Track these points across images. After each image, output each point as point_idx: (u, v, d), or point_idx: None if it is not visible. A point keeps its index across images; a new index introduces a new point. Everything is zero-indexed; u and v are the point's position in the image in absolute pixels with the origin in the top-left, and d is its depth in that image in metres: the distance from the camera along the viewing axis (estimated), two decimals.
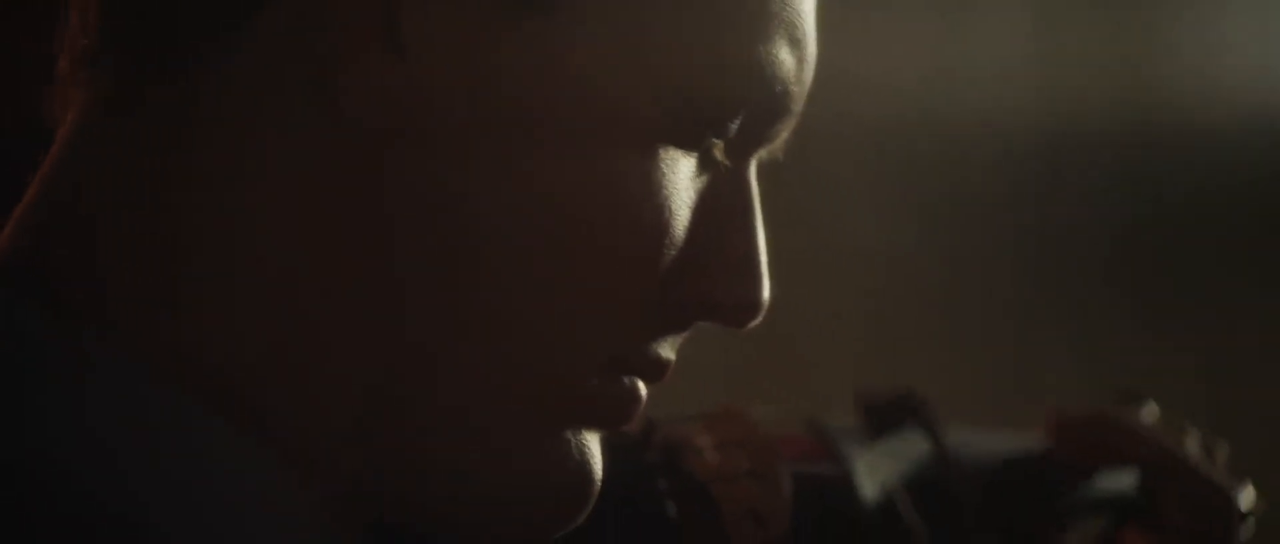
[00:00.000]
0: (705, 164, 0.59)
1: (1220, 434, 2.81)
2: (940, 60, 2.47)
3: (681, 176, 0.58)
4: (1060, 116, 2.61)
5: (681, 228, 0.58)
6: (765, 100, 0.59)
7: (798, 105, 0.61)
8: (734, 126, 0.59)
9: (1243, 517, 0.94)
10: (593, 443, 0.60)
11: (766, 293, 0.61)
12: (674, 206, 0.58)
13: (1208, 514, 0.94)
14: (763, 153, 0.62)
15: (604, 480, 0.64)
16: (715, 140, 0.59)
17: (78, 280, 0.56)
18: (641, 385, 0.61)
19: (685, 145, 0.58)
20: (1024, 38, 2.57)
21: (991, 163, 2.56)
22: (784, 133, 0.62)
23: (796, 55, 0.60)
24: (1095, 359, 2.61)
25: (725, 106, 0.58)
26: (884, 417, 0.79)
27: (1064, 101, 2.60)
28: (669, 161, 0.58)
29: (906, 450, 0.91)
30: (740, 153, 0.61)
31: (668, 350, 0.61)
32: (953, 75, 2.50)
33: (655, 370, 0.61)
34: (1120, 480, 0.97)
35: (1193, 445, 0.98)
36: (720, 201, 0.60)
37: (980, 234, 2.57)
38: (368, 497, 0.58)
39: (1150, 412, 1.01)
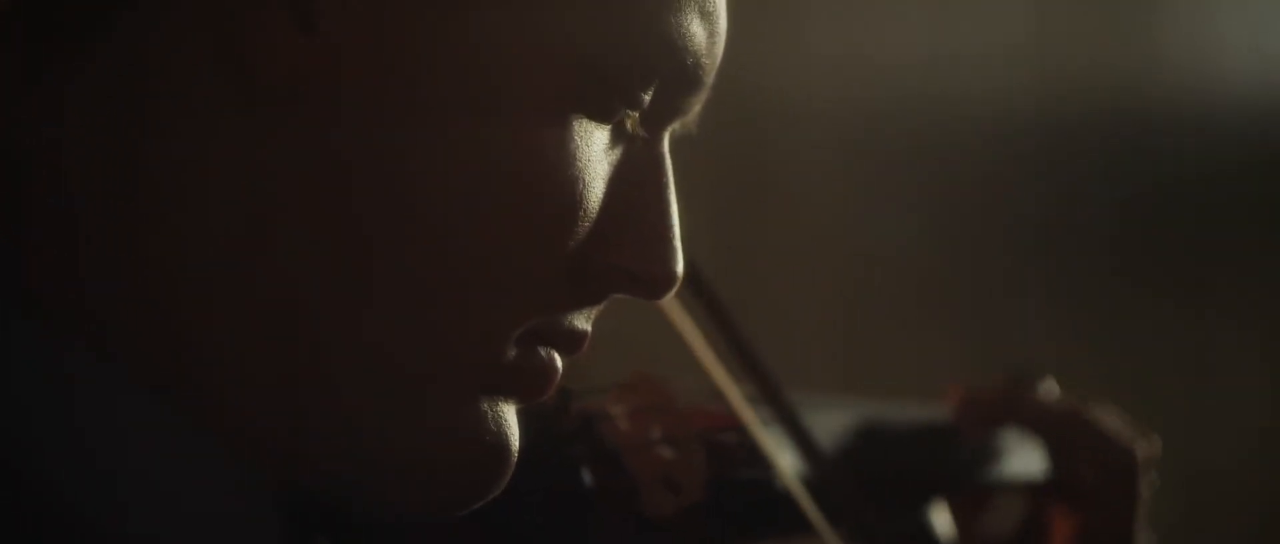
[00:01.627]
0: (618, 136, 0.60)
1: (1210, 417, 2.81)
2: (935, 43, 2.47)
3: (594, 148, 0.59)
4: (1054, 99, 2.61)
5: (594, 199, 0.59)
6: (676, 72, 0.60)
7: (708, 78, 0.62)
8: (646, 98, 0.59)
9: (1144, 469, 0.96)
10: (510, 414, 0.61)
11: (680, 265, 0.62)
12: (587, 178, 0.58)
13: (1112, 471, 0.96)
14: (676, 126, 0.63)
15: (521, 449, 0.65)
16: (628, 112, 0.60)
17: None
18: (557, 357, 0.61)
19: (597, 116, 0.59)
20: (1019, 21, 2.58)
21: (985, 146, 2.57)
22: (696, 105, 0.63)
23: (707, 28, 0.61)
24: (1088, 341, 2.63)
25: (636, 77, 0.59)
26: None
27: (1058, 85, 2.61)
28: (581, 133, 0.58)
29: (822, 423, 0.92)
30: (654, 125, 0.61)
31: (583, 322, 0.62)
32: (946, 58, 2.51)
33: (571, 342, 0.61)
34: (1030, 458, 0.99)
35: (1093, 412, 1.00)
36: (634, 174, 0.60)
37: (972, 217, 2.58)
38: (290, 466, 0.59)
39: (1049, 386, 1.03)
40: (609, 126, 0.60)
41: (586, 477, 0.76)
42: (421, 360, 0.58)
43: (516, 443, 0.61)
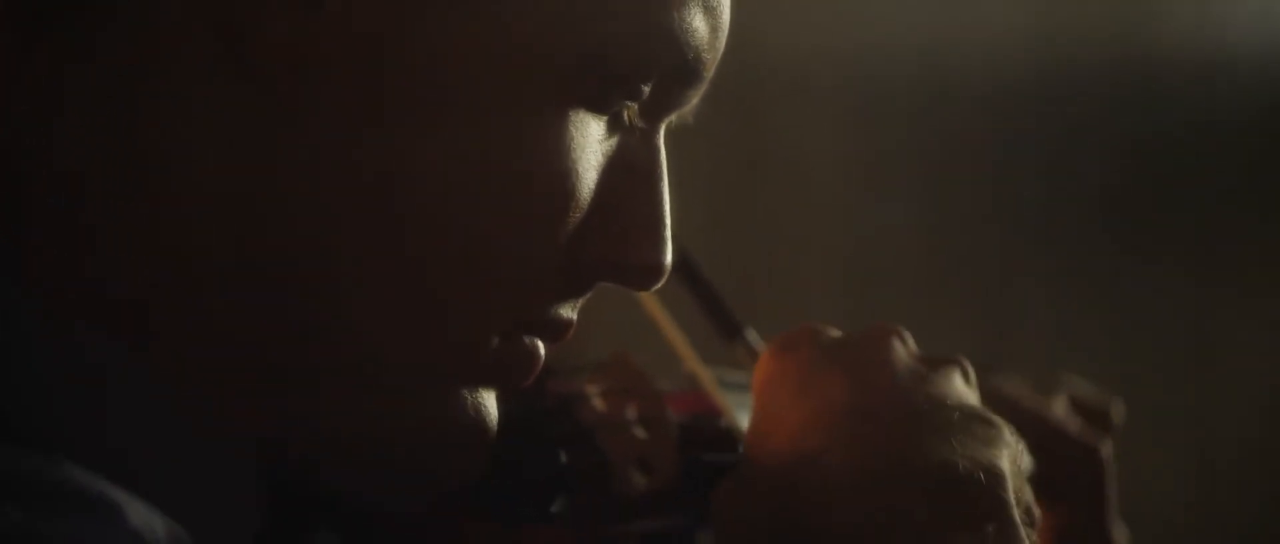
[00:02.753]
0: (614, 127, 0.60)
1: (1209, 372, 2.80)
2: (935, 15, 2.47)
3: (590, 139, 0.59)
4: (1056, 69, 2.61)
5: (587, 190, 0.59)
6: (677, 65, 0.60)
7: (709, 72, 0.62)
8: (645, 90, 0.60)
9: (1108, 467, 0.96)
10: (489, 399, 0.61)
11: (669, 257, 0.62)
12: (580, 169, 0.59)
13: (1078, 472, 0.96)
14: (673, 118, 0.63)
15: (502, 429, 0.66)
16: (626, 103, 0.60)
17: None
18: (541, 346, 0.62)
19: (596, 108, 0.59)
20: None
21: (986, 120, 2.56)
22: (694, 98, 0.63)
23: (710, 22, 0.61)
24: (1084, 301, 2.63)
25: (637, 70, 0.59)
26: None
27: (1059, 55, 2.61)
28: (577, 123, 0.58)
29: None
30: (651, 117, 0.62)
31: (569, 311, 0.62)
32: (946, 30, 2.51)
33: (556, 330, 0.62)
34: None
35: (1058, 406, 1.00)
36: (628, 165, 0.61)
37: (973, 191, 2.57)
38: (273, 447, 0.59)
39: (1009, 378, 1.03)
40: (605, 117, 0.60)
41: (561, 455, 0.77)
42: (408, 348, 0.59)
43: (494, 427, 0.62)
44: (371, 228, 0.57)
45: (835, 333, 0.71)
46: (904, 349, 0.69)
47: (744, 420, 0.82)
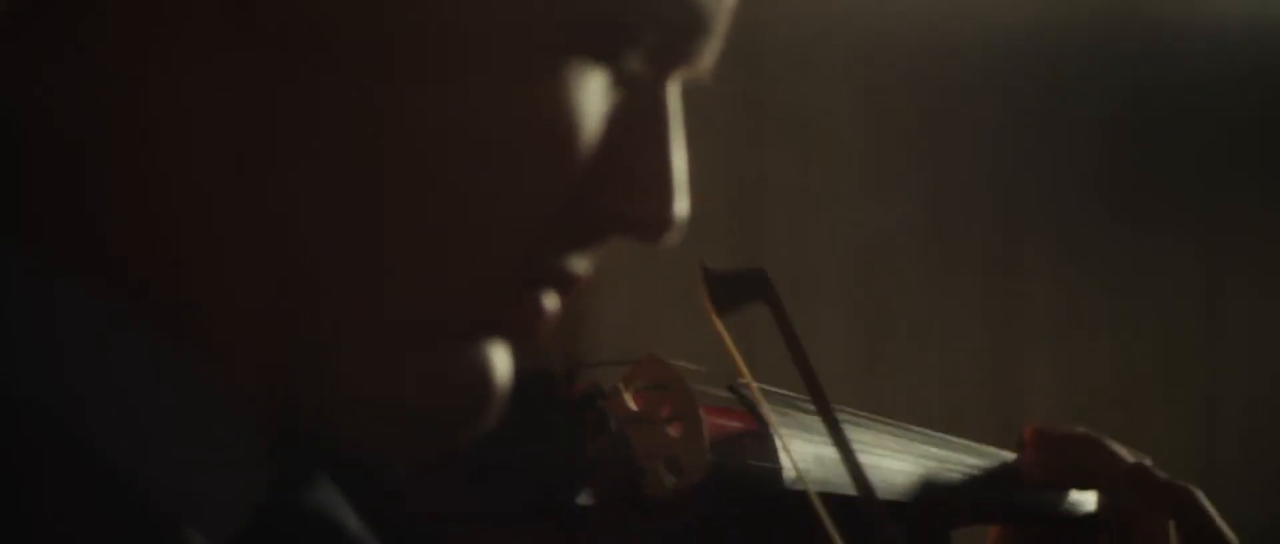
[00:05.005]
0: (622, 79, 0.60)
1: (1217, 339, 2.75)
2: None
3: (593, 89, 0.58)
4: (1063, 31, 2.60)
5: (592, 139, 0.59)
6: (680, 14, 0.60)
7: (715, 24, 0.61)
8: (650, 39, 0.59)
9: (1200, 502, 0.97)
10: (500, 354, 0.61)
11: (681, 208, 0.61)
12: (587, 120, 0.58)
13: (1183, 514, 0.96)
14: (685, 72, 0.62)
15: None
16: (631, 54, 0.59)
17: None
18: (551, 298, 0.61)
19: (598, 57, 0.59)
20: None
21: (996, 83, 2.55)
22: (705, 53, 0.62)
23: None
24: (1090, 280, 2.61)
25: (638, 18, 0.59)
26: (731, 291, 0.79)
27: (1062, 12, 2.60)
28: (581, 74, 0.58)
29: (869, 440, 0.92)
30: (659, 69, 0.61)
31: (579, 265, 0.61)
32: None
33: (565, 283, 0.61)
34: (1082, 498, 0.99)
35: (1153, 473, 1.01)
36: (637, 117, 0.60)
37: (983, 155, 2.56)
38: (279, 403, 0.59)
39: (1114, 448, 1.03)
40: (611, 69, 0.59)
41: (588, 448, 0.77)
42: (415, 302, 0.58)
43: (504, 384, 0.61)
44: (375, 182, 0.57)
45: None
46: None
47: (786, 432, 0.82)
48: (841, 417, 0.91)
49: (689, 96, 0.63)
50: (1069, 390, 2.54)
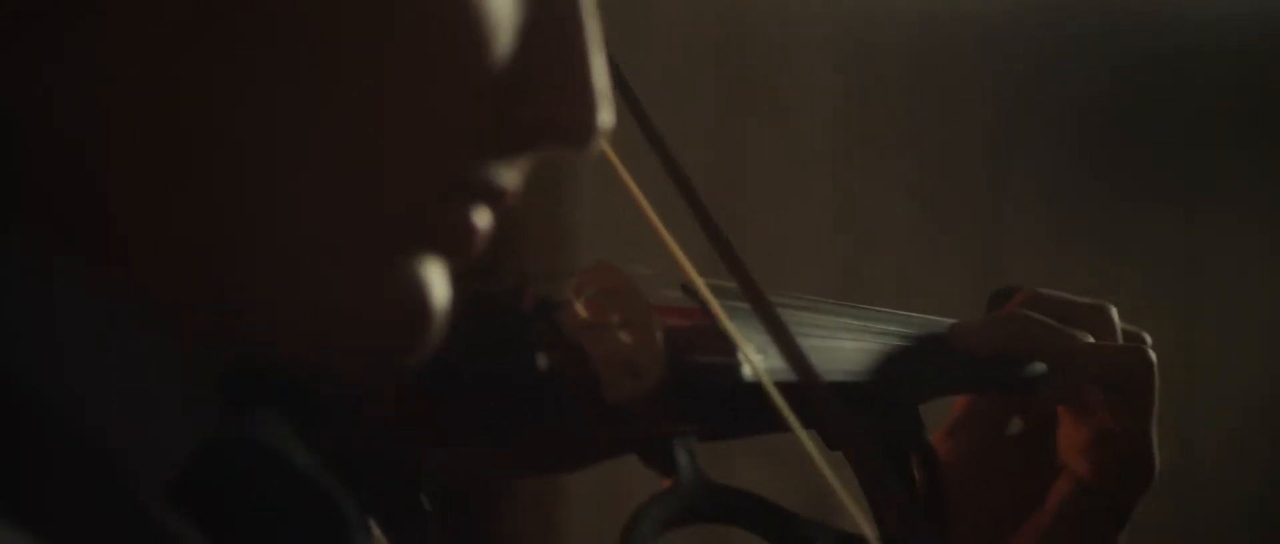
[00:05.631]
0: None
1: (1197, 311, 2.78)
2: None
3: None
4: (1046, 7, 2.61)
5: (507, 45, 0.59)
6: None
7: None
8: None
9: (1152, 365, 0.98)
10: (432, 269, 0.60)
11: (599, 114, 0.61)
12: (497, 24, 0.58)
13: (1134, 378, 0.97)
14: None
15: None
16: None
17: None
18: (482, 213, 0.61)
19: None
20: None
21: (980, 58, 2.56)
22: None
23: None
24: (1068, 244, 2.63)
25: None
26: None
27: None
28: None
29: (813, 322, 0.92)
30: None
31: (507, 177, 0.61)
32: None
33: (494, 195, 0.61)
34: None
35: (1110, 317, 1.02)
36: (553, 22, 0.60)
37: (966, 128, 2.57)
38: (217, 334, 0.59)
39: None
40: None
41: (541, 361, 0.77)
42: (338, 216, 0.58)
43: (441, 300, 0.61)
44: (285, 86, 0.57)
45: None
46: None
47: (738, 327, 0.82)
48: (798, 303, 0.92)
49: (672, 74, 0.63)
50: None
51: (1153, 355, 0.99)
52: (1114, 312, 1.01)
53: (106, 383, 0.57)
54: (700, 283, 0.81)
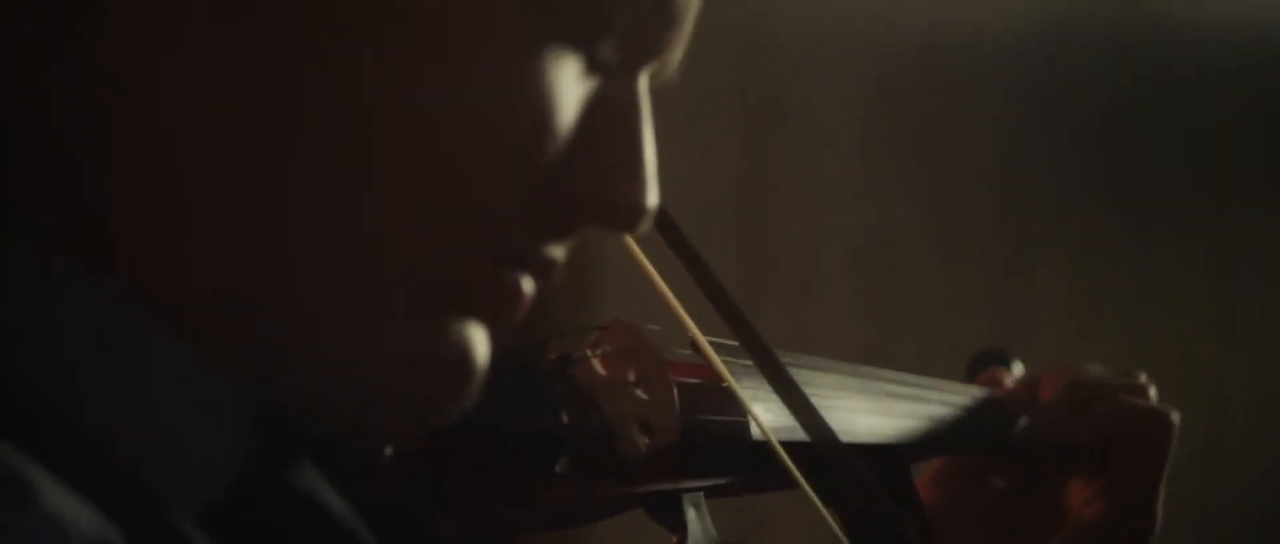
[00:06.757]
0: (595, 67, 0.62)
1: (1225, 336, 2.75)
2: None
3: (567, 74, 0.60)
4: (1064, 30, 2.61)
5: (565, 126, 0.60)
6: (650, 6, 0.62)
7: (685, 17, 0.63)
8: (622, 27, 0.61)
9: (1174, 430, 1.01)
10: (478, 334, 0.62)
11: (649, 198, 0.63)
12: (562, 103, 0.60)
13: (1150, 438, 1.00)
14: (654, 65, 0.64)
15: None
16: (604, 42, 0.62)
17: None
18: (527, 281, 0.63)
19: (574, 44, 0.61)
20: None
21: (1004, 76, 2.56)
22: (674, 46, 0.64)
23: None
24: (1099, 278, 2.63)
25: (610, 6, 0.61)
26: None
27: (1070, 15, 2.61)
28: (558, 60, 0.60)
29: (821, 382, 0.94)
30: (630, 59, 0.63)
31: (555, 251, 0.63)
32: None
33: (542, 269, 0.63)
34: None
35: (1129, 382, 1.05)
36: (608, 106, 0.62)
37: (991, 148, 2.57)
38: (259, 382, 0.60)
39: (1017, 368, 1.06)
40: (585, 57, 0.61)
41: (562, 416, 0.78)
42: (390, 276, 0.60)
43: (482, 361, 0.62)
44: (361, 162, 0.58)
45: None
46: None
47: (744, 386, 0.84)
48: (799, 364, 0.93)
49: (696, 96, 0.65)
50: None
51: (1175, 417, 1.02)
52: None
53: (142, 415, 0.58)
54: (705, 343, 0.83)
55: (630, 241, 0.74)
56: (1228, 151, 2.76)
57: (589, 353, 0.81)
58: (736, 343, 0.84)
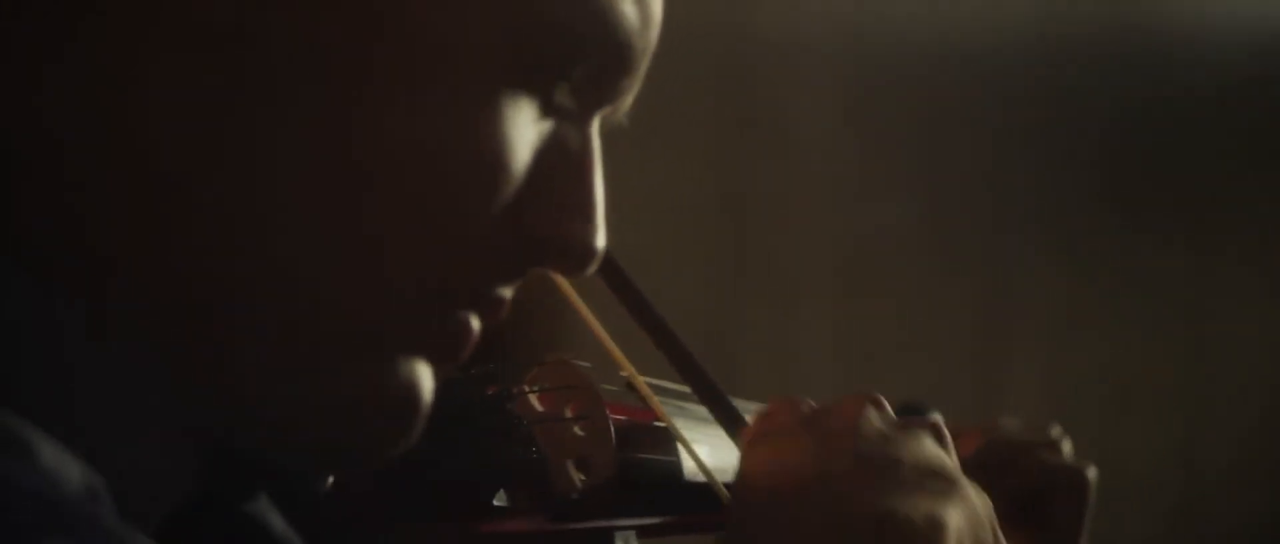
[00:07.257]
0: (549, 112, 0.63)
1: (1204, 343, 2.75)
2: None
3: (524, 119, 0.62)
4: (1051, 32, 2.62)
5: (520, 166, 0.62)
6: (607, 51, 0.63)
7: (639, 63, 0.65)
8: (578, 75, 0.62)
9: (1090, 488, 1.03)
10: (423, 371, 0.63)
11: (600, 240, 0.64)
12: (513, 145, 0.61)
13: (1065, 490, 1.02)
14: (607, 110, 0.66)
15: (443, 421, 0.68)
16: (559, 86, 0.63)
17: None
18: (474, 321, 0.64)
19: (527, 89, 0.62)
20: None
21: (982, 85, 2.57)
22: (627, 92, 0.65)
23: (640, 12, 0.64)
24: (1072, 273, 2.64)
25: (567, 51, 0.62)
26: None
27: (1053, 17, 2.62)
28: (512, 103, 0.61)
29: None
30: (584, 105, 0.64)
31: (504, 291, 0.64)
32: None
33: (490, 309, 0.64)
34: None
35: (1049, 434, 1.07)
36: (563, 148, 0.63)
37: (969, 156, 2.58)
38: (212, 411, 0.61)
39: (935, 417, 1.07)
40: (541, 101, 0.63)
41: (499, 452, 0.79)
42: (344, 313, 0.61)
43: (427, 401, 0.64)
44: (305, 192, 0.59)
45: (811, 404, 0.77)
46: (876, 415, 0.75)
47: (681, 425, 0.85)
48: (751, 409, 0.94)
49: (675, 104, 0.66)
50: (1057, 393, 2.57)
51: (1091, 479, 1.03)
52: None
53: (77, 432, 0.58)
54: (641, 382, 0.84)
55: (564, 283, 0.75)
56: (1212, 158, 2.77)
57: (527, 388, 0.82)
58: (680, 385, 0.85)
